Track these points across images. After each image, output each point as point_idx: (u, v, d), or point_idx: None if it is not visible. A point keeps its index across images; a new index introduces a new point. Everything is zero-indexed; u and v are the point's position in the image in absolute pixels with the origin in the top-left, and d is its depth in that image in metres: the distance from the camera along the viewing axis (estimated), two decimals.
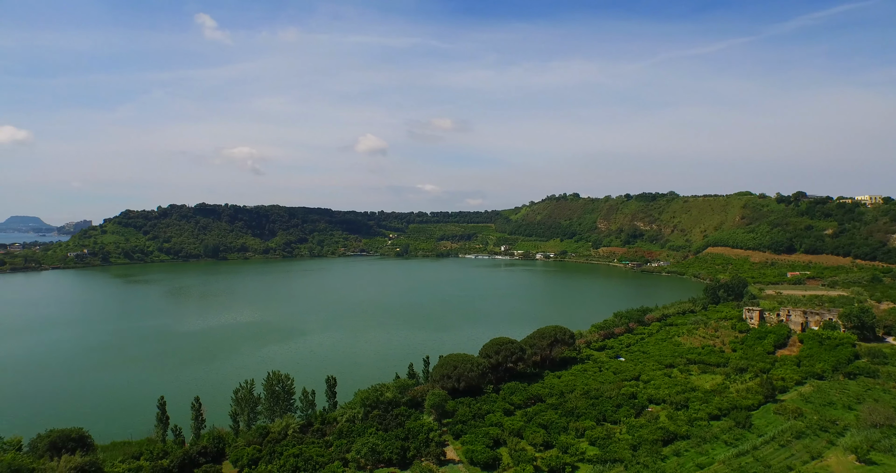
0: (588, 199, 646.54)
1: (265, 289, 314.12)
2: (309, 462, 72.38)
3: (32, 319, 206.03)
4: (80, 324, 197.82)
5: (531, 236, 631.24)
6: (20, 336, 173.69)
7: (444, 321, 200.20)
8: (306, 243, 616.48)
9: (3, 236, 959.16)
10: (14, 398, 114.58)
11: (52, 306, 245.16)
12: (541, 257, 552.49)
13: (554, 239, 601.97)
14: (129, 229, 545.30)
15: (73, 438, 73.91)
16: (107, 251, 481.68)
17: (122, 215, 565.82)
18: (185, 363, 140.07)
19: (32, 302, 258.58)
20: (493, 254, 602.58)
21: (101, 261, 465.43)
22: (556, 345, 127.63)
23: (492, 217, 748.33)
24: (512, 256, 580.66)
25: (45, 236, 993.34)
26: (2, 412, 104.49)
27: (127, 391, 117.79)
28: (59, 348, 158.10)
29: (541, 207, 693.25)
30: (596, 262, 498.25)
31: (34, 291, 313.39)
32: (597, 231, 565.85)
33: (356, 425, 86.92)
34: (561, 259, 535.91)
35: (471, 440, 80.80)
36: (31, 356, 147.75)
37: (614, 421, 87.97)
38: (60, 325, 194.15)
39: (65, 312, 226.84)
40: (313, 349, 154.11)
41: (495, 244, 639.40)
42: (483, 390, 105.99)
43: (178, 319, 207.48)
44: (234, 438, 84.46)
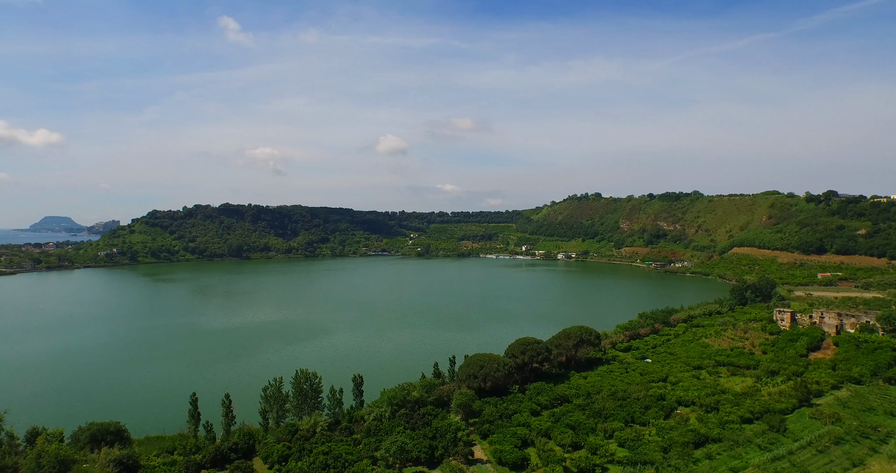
0: (610, 198, 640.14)
1: (288, 288, 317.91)
2: (338, 459, 72.98)
3: (68, 316, 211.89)
4: (112, 321, 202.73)
5: (552, 236, 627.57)
6: (57, 333, 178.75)
7: (468, 321, 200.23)
8: (328, 242, 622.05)
9: (38, 235, 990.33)
10: (53, 391, 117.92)
11: (85, 304, 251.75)
12: (562, 258, 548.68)
13: (576, 239, 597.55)
14: (156, 228, 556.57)
15: (112, 431, 75.84)
16: (135, 251, 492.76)
17: (149, 215, 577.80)
18: (214, 360, 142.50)
19: (67, 300, 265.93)
20: (515, 254, 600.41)
21: (130, 260, 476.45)
22: (581, 346, 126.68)
23: (513, 217, 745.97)
24: (533, 256, 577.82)
25: (77, 235, 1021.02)
26: (42, 404, 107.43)
27: (159, 387, 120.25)
28: (93, 344, 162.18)
29: (562, 207, 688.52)
30: (618, 262, 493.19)
31: (68, 289, 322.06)
32: (619, 231, 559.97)
33: (383, 423, 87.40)
34: (583, 259, 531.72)
35: (498, 440, 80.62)
36: (67, 352, 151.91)
37: (643, 423, 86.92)
38: (94, 322, 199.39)
39: (97, 309, 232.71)
40: (338, 347, 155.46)
41: (516, 244, 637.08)
42: (509, 390, 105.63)
43: (205, 317, 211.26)
44: (263, 435, 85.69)
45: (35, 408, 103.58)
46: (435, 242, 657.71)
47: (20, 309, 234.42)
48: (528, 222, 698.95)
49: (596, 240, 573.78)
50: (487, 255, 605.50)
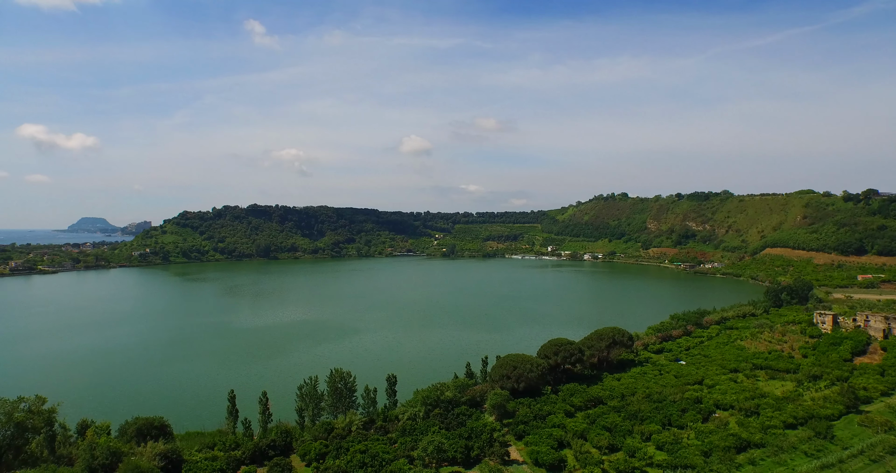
0: (637, 198, 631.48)
1: (316, 288, 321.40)
2: (375, 458, 73.47)
3: (107, 314, 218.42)
4: (148, 319, 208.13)
5: (578, 237, 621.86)
6: (98, 330, 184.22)
7: (496, 321, 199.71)
8: (354, 243, 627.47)
9: (75, 236, 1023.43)
10: (97, 386, 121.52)
11: (122, 302, 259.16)
12: (589, 258, 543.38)
13: (602, 240, 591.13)
14: (187, 229, 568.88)
15: (156, 426, 77.80)
16: (167, 251, 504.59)
17: (179, 216, 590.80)
18: (248, 358, 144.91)
19: (106, 298, 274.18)
20: (540, 255, 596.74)
21: (162, 260, 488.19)
22: (613, 347, 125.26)
23: (538, 217, 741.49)
24: (559, 256, 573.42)
25: (111, 236, 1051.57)
26: (88, 398, 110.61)
27: (196, 384, 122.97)
28: (131, 341, 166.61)
29: (588, 207, 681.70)
30: (646, 263, 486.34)
31: (106, 288, 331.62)
32: (646, 232, 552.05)
33: (418, 423, 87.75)
34: (609, 260, 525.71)
35: (534, 441, 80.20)
36: (109, 348, 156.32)
37: (680, 426, 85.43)
38: (131, 320, 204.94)
39: (134, 308, 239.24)
40: (368, 347, 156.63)
41: (542, 245, 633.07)
42: (541, 391, 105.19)
43: (236, 316, 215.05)
44: (300, 433, 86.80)
45: (81, 401, 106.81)
46: (460, 242, 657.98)
47: (64, 307, 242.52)
48: (554, 223, 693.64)
49: (623, 240, 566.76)
50: (513, 255, 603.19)
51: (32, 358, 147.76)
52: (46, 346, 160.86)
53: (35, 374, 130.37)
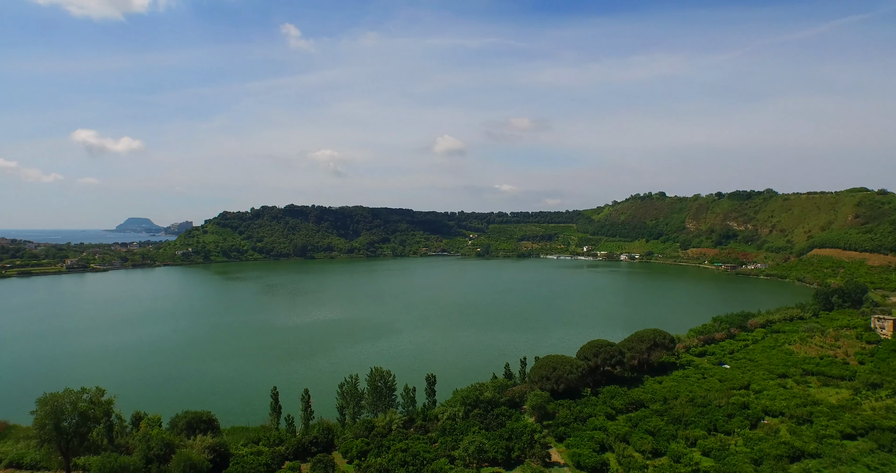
0: (675, 198, 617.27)
1: (352, 288, 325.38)
2: (416, 457, 73.89)
3: (154, 310, 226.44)
4: (192, 316, 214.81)
5: (615, 237, 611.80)
6: (146, 325, 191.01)
7: (533, 322, 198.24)
8: (389, 242, 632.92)
9: (122, 235, 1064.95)
10: (146, 379, 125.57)
11: (167, 299, 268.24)
12: (625, 258, 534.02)
13: (639, 240, 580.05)
14: (227, 229, 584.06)
15: (204, 420, 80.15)
16: (208, 250, 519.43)
17: (219, 217, 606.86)
18: (287, 356, 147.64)
19: (152, 296, 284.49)
20: (576, 255, 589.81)
21: (203, 259, 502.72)
22: (654, 349, 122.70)
23: (573, 217, 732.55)
24: (595, 257, 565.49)
25: (155, 235, 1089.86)
26: (138, 391, 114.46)
27: (239, 380, 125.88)
28: (177, 337, 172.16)
29: (624, 206, 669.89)
30: (684, 263, 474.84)
31: (152, 285, 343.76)
32: (685, 232, 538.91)
33: (457, 423, 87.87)
34: (647, 260, 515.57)
35: (576, 443, 79.31)
36: (156, 343, 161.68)
37: (727, 432, 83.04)
38: (176, 317, 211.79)
39: (178, 305, 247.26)
40: (404, 346, 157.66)
41: (577, 245, 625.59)
42: (581, 393, 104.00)
43: (275, 314, 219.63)
44: (341, 430, 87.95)
45: (132, 394, 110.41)
46: (494, 242, 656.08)
47: (114, 303, 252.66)
48: (589, 223, 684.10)
49: (660, 241, 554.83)
50: (548, 255, 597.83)
51: (87, 351, 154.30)
52: (99, 340, 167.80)
53: (89, 366, 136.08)
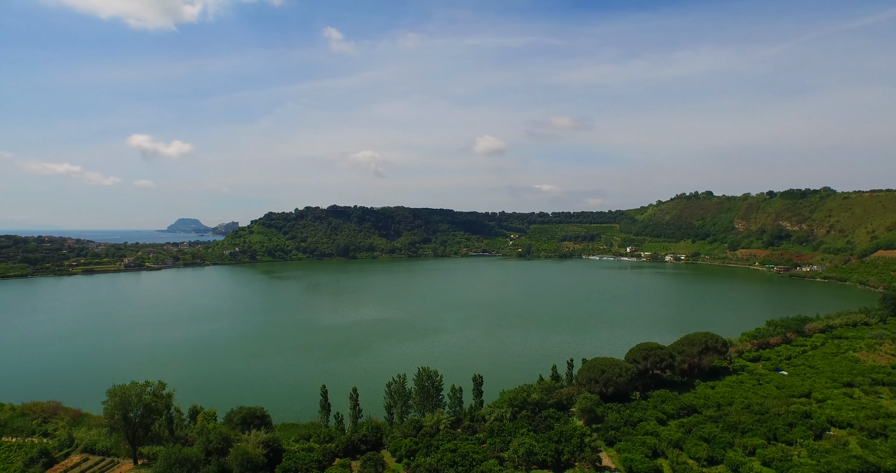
0: (723, 197, 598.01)
1: (394, 287, 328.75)
2: (465, 458, 73.94)
3: (204, 308, 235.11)
4: (240, 314, 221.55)
5: (659, 237, 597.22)
6: (197, 323, 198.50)
7: (576, 323, 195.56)
8: (430, 243, 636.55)
9: (173, 235, 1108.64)
10: (198, 374, 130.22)
11: (216, 297, 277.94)
12: (670, 259, 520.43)
13: (685, 240, 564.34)
14: (272, 229, 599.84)
15: (258, 416, 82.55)
16: (254, 250, 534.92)
17: (265, 217, 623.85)
18: (333, 354, 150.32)
19: (203, 293, 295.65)
20: (619, 255, 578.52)
21: (250, 258, 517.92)
22: (706, 353, 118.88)
23: (616, 217, 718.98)
24: (639, 257, 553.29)
25: (204, 235, 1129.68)
26: (192, 386, 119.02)
27: (287, 377, 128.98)
28: (226, 334, 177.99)
29: (669, 206, 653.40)
30: (733, 265, 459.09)
31: (202, 284, 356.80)
32: (734, 232, 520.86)
33: (505, 424, 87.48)
34: (693, 262, 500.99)
35: (627, 448, 77.71)
36: (207, 340, 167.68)
37: (789, 442, 79.58)
38: (225, 314, 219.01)
39: (227, 303, 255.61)
40: (448, 347, 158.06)
41: (620, 245, 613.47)
42: (630, 396, 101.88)
43: (320, 313, 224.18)
44: (389, 429, 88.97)
45: (187, 388, 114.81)
46: (536, 242, 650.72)
47: (169, 300, 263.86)
48: (633, 223, 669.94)
49: (707, 241, 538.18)
50: (590, 256, 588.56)
51: (144, 346, 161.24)
52: (156, 336, 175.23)
53: (147, 360, 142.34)
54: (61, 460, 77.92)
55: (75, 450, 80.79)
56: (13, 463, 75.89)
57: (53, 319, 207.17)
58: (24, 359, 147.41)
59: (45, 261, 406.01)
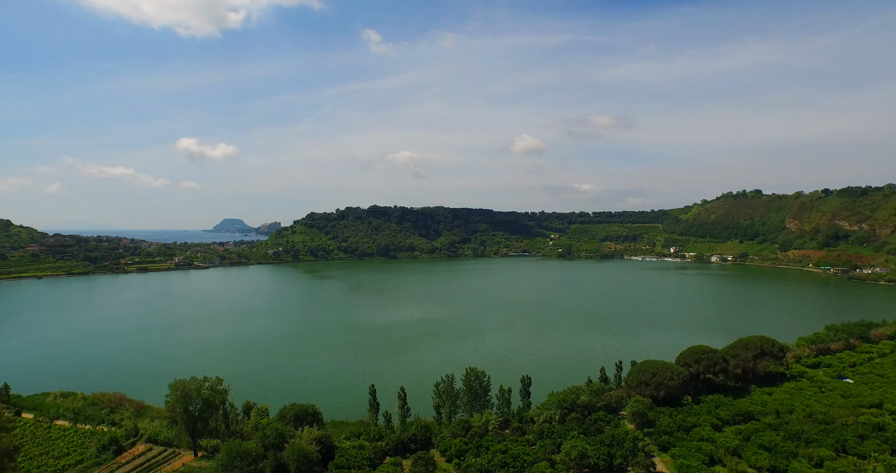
0: (773, 196, 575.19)
1: (435, 287, 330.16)
2: (517, 459, 73.56)
3: (251, 306, 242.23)
4: (286, 312, 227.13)
5: (704, 238, 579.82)
6: (245, 321, 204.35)
7: (621, 325, 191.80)
8: (469, 243, 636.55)
9: (219, 235, 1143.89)
10: (248, 371, 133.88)
11: (262, 296, 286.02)
12: (717, 260, 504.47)
13: (732, 240, 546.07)
14: (314, 229, 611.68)
15: (310, 413, 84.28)
16: (296, 249, 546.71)
17: (307, 217, 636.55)
18: (378, 353, 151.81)
19: (250, 292, 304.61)
20: (662, 256, 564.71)
21: (293, 258, 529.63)
22: (761, 358, 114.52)
23: (658, 217, 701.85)
24: (683, 258, 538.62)
25: (247, 235, 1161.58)
26: (243, 382, 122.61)
27: (332, 376, 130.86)
28: (272, 332, 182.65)
29: (715, 205, 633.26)
30: (784, 266, 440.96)
31: (248, 282, 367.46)
32: (785, 232, 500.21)
33: (555, 426, 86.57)
34: (741, 263, 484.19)
35: (682, 453, 75.67)
36: (255, 337, 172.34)
37: (861, 455, 75.61)
38: (272, 312, 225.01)
39: (272, 301, 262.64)
40: (492, 347, 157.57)
41: (663, 246, 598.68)
42: (681, 400, 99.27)
43: (363, 312, 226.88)
44: (438, 428, 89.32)
45: (236, 384, 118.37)
46: (576, 243, 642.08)
47: (217, 298, 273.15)
48: (677, 223, 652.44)
49: (756, 242, 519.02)
50: (632, 257, 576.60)
51: (196, 342, 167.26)
52: (206, 332, 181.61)
53: (199, 356, 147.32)
54: (128, 448, 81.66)
55: (140, 440, 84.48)
56: (88, 449, 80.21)
57: (113, 315, 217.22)
58: (89, 352, 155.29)
59: (103, 259, 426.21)
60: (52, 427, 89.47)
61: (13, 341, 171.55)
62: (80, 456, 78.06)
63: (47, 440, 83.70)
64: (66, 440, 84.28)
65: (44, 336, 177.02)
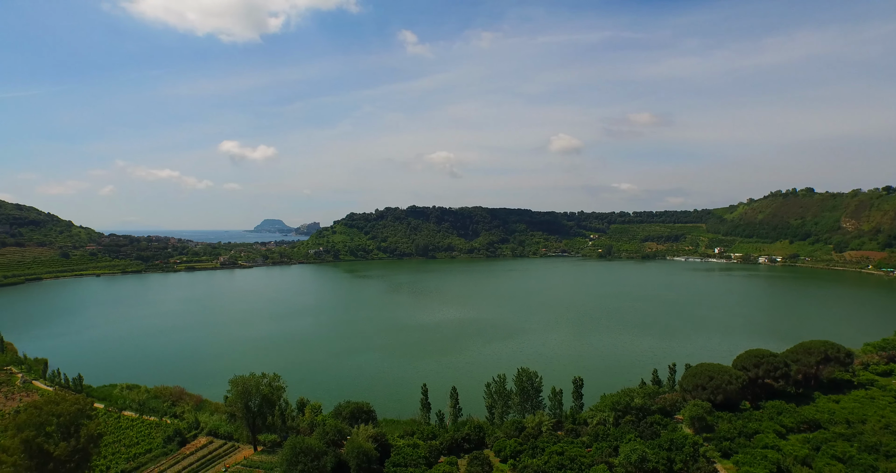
0: (826, 194, 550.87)
1: (475, 287, 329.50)
2: (574, 461, 72.70)
3: (296, 304, 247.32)
4: (330, 311, 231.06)
5: (751, 238, 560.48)
6: (291, 319, 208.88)
7: (669, 327, 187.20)
8: (508, 243, 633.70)
9: (260, 235, 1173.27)
10: (295, 368, 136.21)
11: (306, 295, 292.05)
12: (765, 261, 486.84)
13: (781, 241, 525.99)
14: (353, 229, 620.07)
15: (365, 410, 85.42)
16: (337, 249, 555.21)
17: (346, 218, 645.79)
18: (423, 353, 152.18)
19: (293, 291, 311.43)
20: (706, 257, 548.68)
21: (333, 257, 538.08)
22: (826, 364, 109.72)
23: (702, 216, 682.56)
24: (728, 259, 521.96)
25: (287, 236, 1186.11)
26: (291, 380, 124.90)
27: (381, 374, 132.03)
28: (318, 330, 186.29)
29: (763, 204, 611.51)
30: (840, 268, 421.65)
31: (291, 281, 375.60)
32: (840, 232, 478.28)
33: (609, 429, 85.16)
34: (791, 264, 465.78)
35: (746, 461, 73.20)
36: (301, 335, 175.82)
37: None
38: (316, 311, 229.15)
39: (316, 300, 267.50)
40: (537, 348, 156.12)
41: (707, 246, 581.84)
42: (738, 406, 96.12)
43: (406, 312, 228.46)
44: (490, 428, 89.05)
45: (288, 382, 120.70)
46: (616, 243, 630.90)
47: (263, 297, 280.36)
48: (721, 222, 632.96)
49: (808, 242, 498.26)
50: (675, 257, 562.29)
51: (245, 339, 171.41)
52: (254, 330, 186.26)
53: (248, 353, 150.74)
54: (191, 440, 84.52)
55: (201, 433, 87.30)
56: (155, 439, 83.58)
57: (166, 312, 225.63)
58: (146, 346, 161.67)
59: (154, 259, 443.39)
60: (120, 417, 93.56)
61: (82, 334, 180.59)
62: (149, 446, 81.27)
63: (118, 429, 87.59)
64: (134, 429, 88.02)
65: (106, 331, 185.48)
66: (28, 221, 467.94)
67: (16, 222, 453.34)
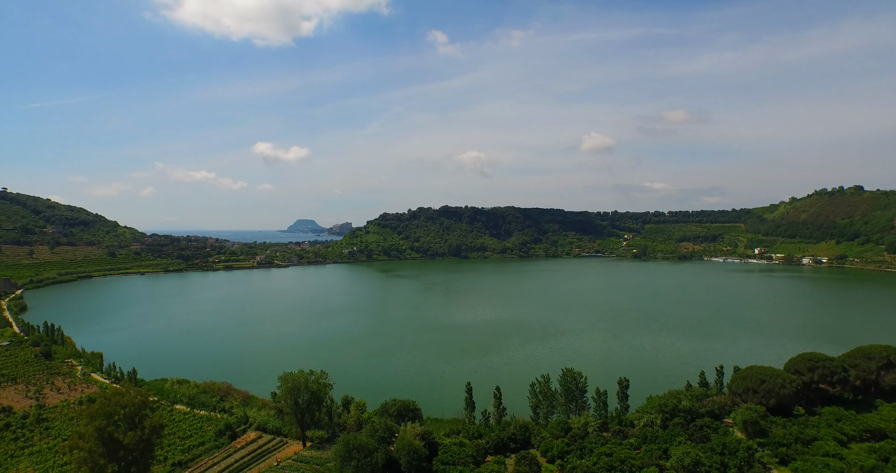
0: (878, 192, 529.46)
1: (509, 287, 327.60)
2: (624, 463, 71.58)
3: (332, 303, 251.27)
4: (367, 310, 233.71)
5: (794, 238, 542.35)
6: (329, 317, 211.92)
7: (712, 329, 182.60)
8: (541, 243, 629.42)
9: (293, 235, 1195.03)
10: (337, 367, 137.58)
11: (343, 294, 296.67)
12: (809, 262, 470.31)
13: (827, 241, 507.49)
14: (386, 229, 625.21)
15: (411, 409, 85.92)
16: (370, 249, 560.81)
17: (380, 218, 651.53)
18: (461, 352, 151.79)
19: (329, 290, 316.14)
20: (746, 257, 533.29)
21: (366, 257, 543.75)
22: (888, 369, 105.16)
23: (740, 216, 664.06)
24: (770, 260, 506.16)
25: (320, 236, 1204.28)
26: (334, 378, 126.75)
27: (422, 373, 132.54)
28: (356, 328, 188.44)
29: (806, 203, 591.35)
30: (893, 270, 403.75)
31: (326, 281, 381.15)
32: (894, 232, 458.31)
33: (657, 431, 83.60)
34: (839, 265, 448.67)
35: (806, 469, 70.78)
36: (339, 334, 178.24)
37: None
38: (353, 310, 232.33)
39: (352, 300, 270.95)
40: (577, 349, 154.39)
41: (747, 246, 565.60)
42: (792, 411, 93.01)
43: (441, 311, 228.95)
44: (536, 428, 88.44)
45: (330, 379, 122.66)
46: (651, 243, 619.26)
47: (301, 296, 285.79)
48: (761, 222, 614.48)
49: (857, 242, 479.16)
50: (713, 258, 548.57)
51: (284, 337, 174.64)
52: (294, 328, 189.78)
53: (288, 351, 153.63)
54: (241, 434, 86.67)
55: (250, 427, 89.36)
56: (206, 432, 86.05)
57: (208, 309, 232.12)
58: (192, 342, 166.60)
59: (194, 258, 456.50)
60: (173, 410, 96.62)
61: (132, 329, 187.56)
62: (201, 439, 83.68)
63: (171, 422, 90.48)
64: (186, 422, 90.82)
65: (154, 327, 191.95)
66: (79, 221, 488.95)
67: (68, 223, 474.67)
